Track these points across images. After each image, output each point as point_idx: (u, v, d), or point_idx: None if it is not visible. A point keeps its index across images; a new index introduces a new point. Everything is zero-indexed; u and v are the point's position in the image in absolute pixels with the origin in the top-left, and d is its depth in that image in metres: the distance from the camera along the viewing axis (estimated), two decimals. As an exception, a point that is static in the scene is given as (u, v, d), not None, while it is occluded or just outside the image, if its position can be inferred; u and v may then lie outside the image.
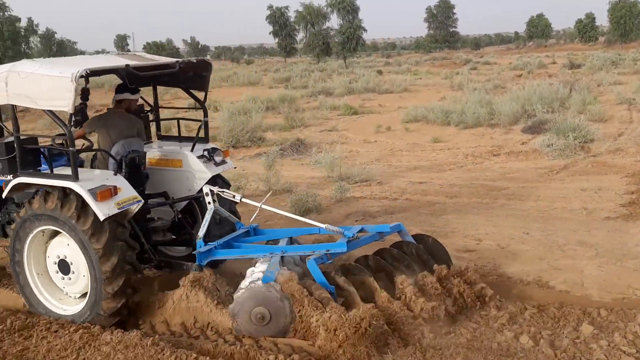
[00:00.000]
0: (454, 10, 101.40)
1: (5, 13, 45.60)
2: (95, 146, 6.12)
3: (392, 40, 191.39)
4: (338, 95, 28.46)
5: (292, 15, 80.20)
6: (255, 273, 5.09)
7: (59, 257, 5.63)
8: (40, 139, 6.19)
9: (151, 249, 5.92)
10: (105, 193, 5.20)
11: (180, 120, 6.99)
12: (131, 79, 6.11)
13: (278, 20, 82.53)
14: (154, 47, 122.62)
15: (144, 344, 4.84)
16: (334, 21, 71.00)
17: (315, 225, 5.65)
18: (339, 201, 9.69)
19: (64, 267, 5.62)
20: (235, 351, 4.71)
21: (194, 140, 6.48)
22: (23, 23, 48.37)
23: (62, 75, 4.98)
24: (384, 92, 29.24)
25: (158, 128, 7.16)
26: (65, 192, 5.32)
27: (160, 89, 7.12)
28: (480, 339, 4.95)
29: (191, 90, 6.62)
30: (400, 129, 17.34)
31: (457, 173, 11.60)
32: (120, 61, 5.64)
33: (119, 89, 6.25)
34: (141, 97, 6.59)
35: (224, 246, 5.70)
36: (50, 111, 5.25)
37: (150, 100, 6.96)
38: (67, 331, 5.28)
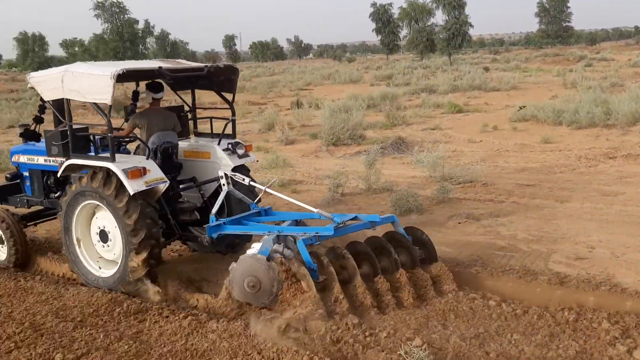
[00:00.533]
0: (568, 4, 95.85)
1: (125, 16, 48.83)
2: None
3: (500, 36, 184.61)
4: (442, 93, 27.91)
5: (395, 12, 79.62)
6: (252, 249, 5.62)
7: (100, 228, 6.58)
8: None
9: (176, 225, 6.82)
10: (136, 172, 6.12)
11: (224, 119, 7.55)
12: (165, 80, 7.10)
13: (381, 17, 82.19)
14: (259, 47, 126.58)
15: (247, 334, 5.02)
16: (439, 17, 69.58)
17: (310, 210, 6.24)
18: (441, 202, 9.50)
19: (103, 236, 6.58)
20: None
21: (220, 136, 7.38)
22: (141, 25, 51.63)
23: (104, 74, 5.98)
24: (490, 90, 28.30)
25: (195, 126, 8.03)
26: (108, 173, 6.22)
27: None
28: (590, 351, 4.67)
29: (222, 93, 7.48)
30: (508, 129, 16.67)
31: (568, 176, 10.98)
32: (154, 64, 6.71)
33: (150, 88, 7.17)
34: (182, 99, 7.73)
35: (233, 223, 6.46)
36: (95, 104, 6.24)
37: (187, 102, 7.91)
38: (177, 317, 5.57)
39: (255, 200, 6.77)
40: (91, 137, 6.68)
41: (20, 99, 41.66)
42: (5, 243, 7.47)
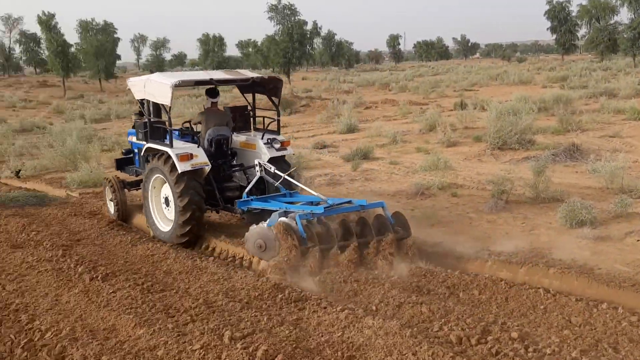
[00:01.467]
0: None
1: (296, 17, 51.08)
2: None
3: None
4: (624, 97, 25.44)
5: (574, 9, 74.15)
6: (264, 222, 7.38)
7: (164, 196, 8.70)
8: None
9: (221, 199, 8.72)
10: (184, 157, 8.11)
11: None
12: (218, 86, 9.34)
13: (558, 15, 77.02)
14: (424, 46, 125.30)
15: (403, 334, 5.01)
16: (624, 15, 63.42)
17: (311, 194, 8.21)
18: (618, 216, 8.68)
19: (167, 202, 8.65)
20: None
21: (263, 132, 9.21)
22: (309, 26, 53.65)
23: (166, 83, 8.12)
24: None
25: (253, 122, 9.82)
26: (168, 156, 8.22)
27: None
28: None
29: (272, 98, 9.25)
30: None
31: None
32: (206, 76, 9.02)
33: (208, 94, 9.20)
34: (247, 101, 9.69)
35: (260, 200, 8.21)
36: (162, 105, 8.53)
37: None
38: (335, 309, 5.73)
39: (276, 184, 8.46)
40: (165, 128, 8.49)
41: (200, 95, 45.54)
42: (110, 198, 10.00)
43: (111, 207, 10.04)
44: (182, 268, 7.32)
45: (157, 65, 72.81)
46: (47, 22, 66.17)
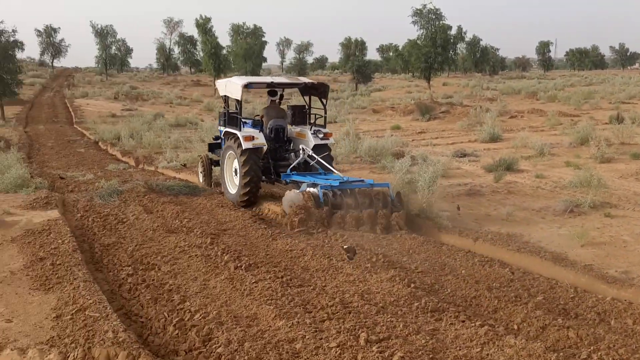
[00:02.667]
0: None
1: (440, 22, 50.14)
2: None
3: None
4: None
5: None
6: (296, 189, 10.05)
7: (234, 167, 11.32)
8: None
9: (275, 173, 11.41)
10: (248, 137, 10.76)
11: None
12: (276, 88, 12.08)
13: None
14: (576, 54, 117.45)
15: (548, 358, 4.73)
16: None
17: (336, 173, 10.79)
18: None
19: (236, 172, 11.22)
20: None
21: (308, 124, 11.91)
22: (453, 31, 52.41)
23: (238, 83, 11.14)
24: None
25: (309, 118, 12.08)
26: (237, 137, 10.94)
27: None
28: None
29: (322, 99, 11.93)
30: None
31: None
32: (268, 79, 12.09)
33: (269, 94, 12.20)
34: (305, 101, 12.27)
35: (299, 175, 10.79)
36: (237, 100, 11.27)
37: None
38: (473, 324, 5.54)
39: (311, 163, 11.15)
40: (237, 117, 11.31)
41: (339, 98, 46.37)
42: (201, 170, 13.27)
43: (200, 177, 13.39)
44: (319, 266, 7.48)
45: (299, 68, 75.29)
46: (204, 25, 71.07)
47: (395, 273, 7.02)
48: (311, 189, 9.70)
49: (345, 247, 8.04)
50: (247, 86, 11.27)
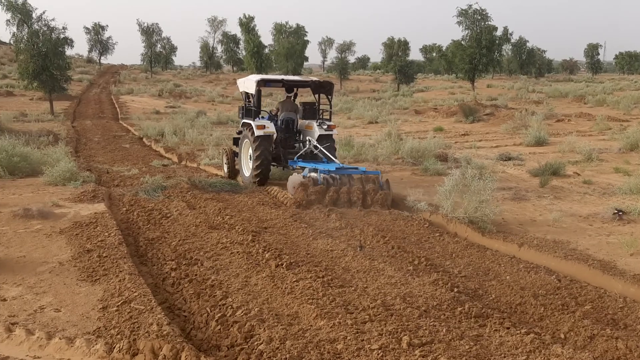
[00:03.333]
0: None
1: (486, 22, 49.34)
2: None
3: None
4: None
5: None
6: (299, 173, 11.67)
7: (249, 153, 12.97)
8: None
9: (284, 160, 13.09)
10: (260, 126, 12.47)
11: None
12: (289, 86, 13.94)
13: None
14: (626, 57, 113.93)
15: (598, 371, 4.57)
16: None
17: (336, 161, 12.29)
18: None
19: (250, 157, 12.83)
20: None
21: (317, 118, 13.50)
22: (499, 32, 51.49)
23: (253, 80, 13.05)
24: None
25: (318, 113, 13.70)
26: (251, 126, 12.65)
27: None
28: None
29: (328, 96, 13.66)
30: None
31: None
32: (280, 77, 14.31)
33: (287, 90, 14.00)
34: (315, 99, 13.95)
35: (303, 161, 12.39)
36: (252, 94, 13.18)
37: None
38: (519, 331, 5.41)
39: (313, 151, 12.92)
40: (253, 110, 13.18)
41: (380, 98, 46.20)
42: (225, 161, 14.45)
43: (225, 168, 14.53)
44: (360, 267, 7.44)
45: (340, 67, 75.18)
46: (247, 24, 71.77)
47: (438, 277, 6.92)
48: (312, 174, 11.28)
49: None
50: (262, 82, 13.22)
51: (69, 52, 36.52)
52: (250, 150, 12.72)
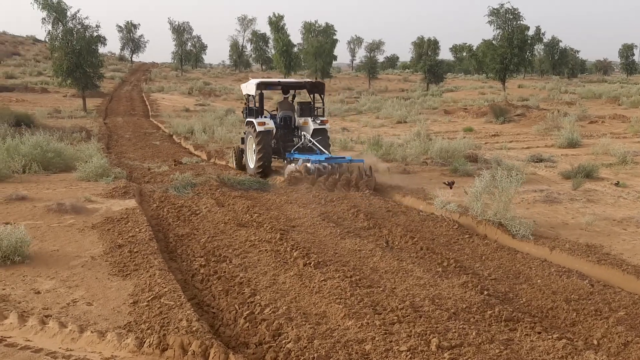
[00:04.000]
0: None
1: (518, 22, 48.58)
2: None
3: None
4: None
5: None
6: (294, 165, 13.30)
7: (253, 148, 14.32)
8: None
9: (283, 153, 14.42)
10: (261, 123, 13.97)
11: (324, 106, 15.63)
12: (286, 88, 15.59)
13: None
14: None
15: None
16: None
17: (326, 153, 13.89)
18: None
19: (254, 151, 14.24)
20: None
21: (312, 114, 14.83)
22: (531, 32, 50.66)
23: (253, 82, 14.81)
24: None
25: (313, 110, 15.05)
26: (254, 123, 14.07)
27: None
28: None
29: (321, 95, 15.20)
30: None
31: None
32: (276, 80, 16.47)
33: (283, 92, 15.62)
34: (311, 98, 15.52)
35: (299, 153, 13.87)
36: (252, 95, 14.93)
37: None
38: (550, 336, 5.32)
39: (309, 144, 14.39)
40: (254, 109, 14.96)
41: (409, 98, 45.91)
42: (233, 156, 16.00)
43: (233, 161, 16.06)
44: (388, 268, 7.40)
45: (369, 66, 74.91)
46: (277, 23, 71.98)
47: (468, 279, 6.84)
48: (307, 164, 13.00)
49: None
50: (262, 85, 14.91)
51: (101, 50, 37.17)
52: (254, 145, 14.07)
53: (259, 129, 13.86)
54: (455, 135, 21.43)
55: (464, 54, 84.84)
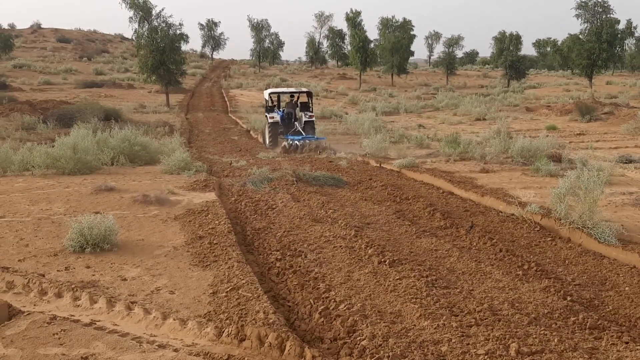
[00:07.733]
0: None
1: (607, 15, 46.16)
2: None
3: None
4: None
5: None
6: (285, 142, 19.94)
7: (267, 131, 22.09)
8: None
9: (285, 134, 20.69)
10: (271, 117, 21.22)
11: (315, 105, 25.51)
12: (293, 95, 23.24)
13: None
14: None
15: None
16: None
17: (303, 134, 20.61)
18: None
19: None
20: None
21: (303, 110, 21.87)
22: (621, 25, 48.03)
23: (266, 91, 23.74)
24: None
25: (309, 109, 21.86)
26: (268, 117, 21.72)
27: None
28: None
29: (311, 99, 22.71)
30: None
31: None
32: (280, 90, 24.57)
33: (290, 96, 23.09)
34: (309, 100, 22.57)
35: (292, 136, 20.20)
36: (266, 99, 23.12)
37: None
38: (639, 347, 5.03)
39: (299, 129, 21.02)
40: (269, 107, 22.49)
41: (489, 95, 44.67)
42: (260, 135, 21.88)
43: (265, 140, 21.82)
44: (466, 269, 7.24)
45: (447, 62, 73.37)
46: (354, 19, 71.91)
47: (550, 283, 6.59)
48: (295, 142, 19.12)
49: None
50: (273, 94, 23.09)
51: (184, 47, 38.47)
52: (267, 129, 21.20)
53: (270, 120, 21.00)
54: (538, 133, 20.65)
55: (548, 49, 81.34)
